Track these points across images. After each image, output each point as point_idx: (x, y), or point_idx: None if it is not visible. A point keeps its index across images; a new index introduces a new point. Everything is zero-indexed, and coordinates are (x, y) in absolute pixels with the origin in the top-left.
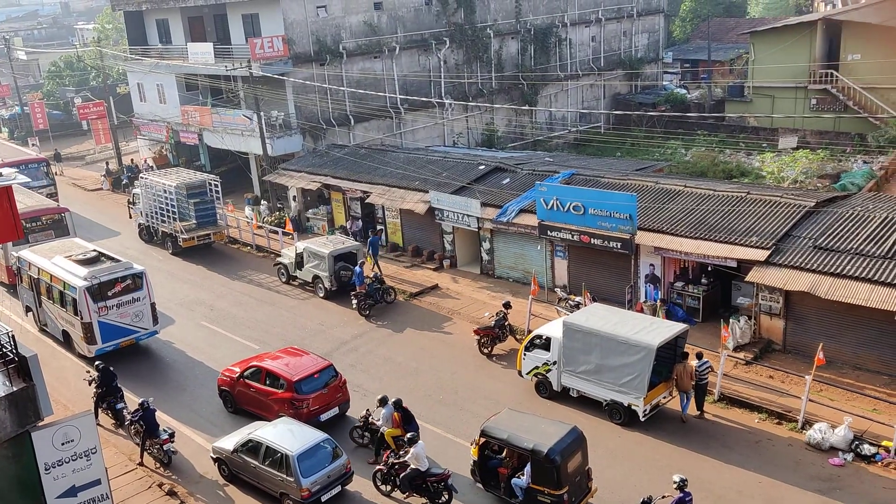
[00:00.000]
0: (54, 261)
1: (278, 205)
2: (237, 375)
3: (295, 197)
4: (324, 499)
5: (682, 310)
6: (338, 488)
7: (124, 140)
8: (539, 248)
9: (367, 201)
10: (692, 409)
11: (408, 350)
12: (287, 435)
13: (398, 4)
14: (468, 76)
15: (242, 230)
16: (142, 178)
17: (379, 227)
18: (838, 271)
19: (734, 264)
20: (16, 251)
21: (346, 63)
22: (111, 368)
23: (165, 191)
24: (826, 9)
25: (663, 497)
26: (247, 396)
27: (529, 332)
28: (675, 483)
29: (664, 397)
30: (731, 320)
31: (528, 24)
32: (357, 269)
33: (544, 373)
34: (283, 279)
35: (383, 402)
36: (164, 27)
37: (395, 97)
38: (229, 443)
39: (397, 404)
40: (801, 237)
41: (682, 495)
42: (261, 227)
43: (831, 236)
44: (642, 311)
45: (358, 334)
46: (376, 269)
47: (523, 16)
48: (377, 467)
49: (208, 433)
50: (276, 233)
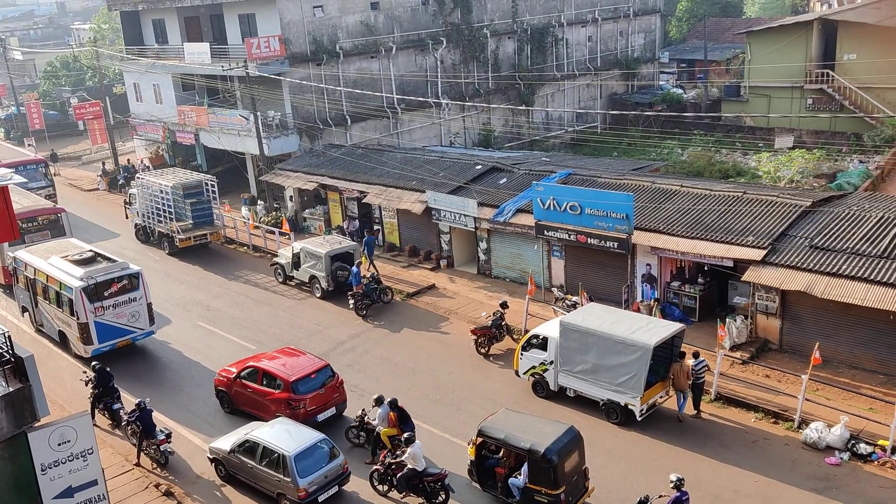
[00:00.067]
0: (50, 261)
1: (275, 205)
2: (234, 376)
3: (291, 197)
4: (321, 499)
5: (678, 309)
6: (335, 488)
7: (121, 140)
8: (536, 247)
9: (363, 201)
10: (689, 409)
11: (405, 350)
12: (284, 435)
13: (395, 4)
14: (465, 76)
15: (239, 230)
16: (138, 178)
17: (376, 227)
18: (834, 271)
19: (731, 264)
20: (12, 251)
21: (342, 63)
22: (108, 369)
23: (162, 191)
24: (822, 9)
25: (660, 496)
26: (244, 397)
27: (526, 331)
28: (671, 482)
29: (661, 397)
30: (727, 320)
31: (525, 23)
32: (354, 269)
33: (541, 372)
34: (280, 279)
35: (379, 401)
36: (161, 27)
37: (391, 97)
38: (226, 443)
39: (393, 404)
40: (798, 237)
41: (678, 494)
42: (257, 227)
43: (827, 236)
44: (639, 310)
45: (355, 334)
46: (372, 268)
47: (520, 16)
48: (374, 467)
49: (205, 433)
50: (273, 233)
